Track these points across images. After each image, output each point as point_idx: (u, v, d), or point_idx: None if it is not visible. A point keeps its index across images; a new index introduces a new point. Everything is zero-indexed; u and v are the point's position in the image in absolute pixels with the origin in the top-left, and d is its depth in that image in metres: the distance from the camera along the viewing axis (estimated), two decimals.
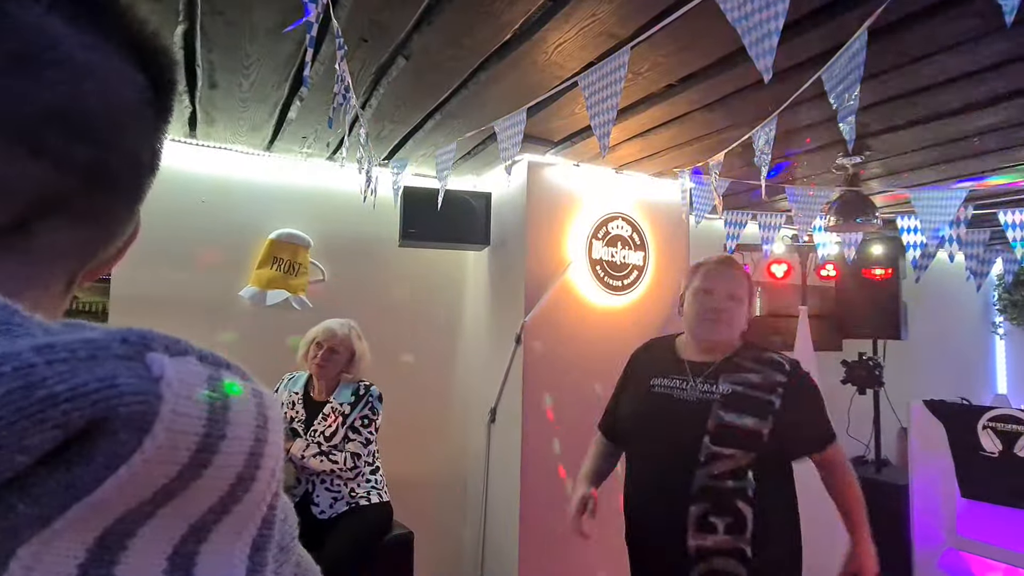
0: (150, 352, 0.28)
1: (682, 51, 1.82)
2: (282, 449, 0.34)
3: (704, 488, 1.56)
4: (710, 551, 1.54)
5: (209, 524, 0.30)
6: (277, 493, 0.34)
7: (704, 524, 1.55)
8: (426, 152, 2.81)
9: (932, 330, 5.10)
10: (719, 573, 1.54)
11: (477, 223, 3.09)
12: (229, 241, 2.98)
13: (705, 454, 1.57)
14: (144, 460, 0.26)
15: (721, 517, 1.55)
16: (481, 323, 3.35)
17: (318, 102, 2.31)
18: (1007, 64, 1.84)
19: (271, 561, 0.34)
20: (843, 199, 2.68)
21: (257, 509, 0.32)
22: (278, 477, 0.34)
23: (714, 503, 1.56)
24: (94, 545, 0.27)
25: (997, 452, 3.50)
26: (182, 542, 0.29)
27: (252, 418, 0.31)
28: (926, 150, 2.64)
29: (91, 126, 0.34)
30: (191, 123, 2.60)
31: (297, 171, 3.11)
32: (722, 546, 1.54)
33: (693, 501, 1.56)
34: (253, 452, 0.31)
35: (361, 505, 2.41)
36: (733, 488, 1.56)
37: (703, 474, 1.57)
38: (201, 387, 0.29)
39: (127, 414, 0.26)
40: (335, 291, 3.16)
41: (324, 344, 2.49)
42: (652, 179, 3.25)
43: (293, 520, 0.38)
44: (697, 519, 1.55)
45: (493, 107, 2.22)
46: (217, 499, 0.30)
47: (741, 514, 1.55)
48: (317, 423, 2.46)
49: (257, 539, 0.33)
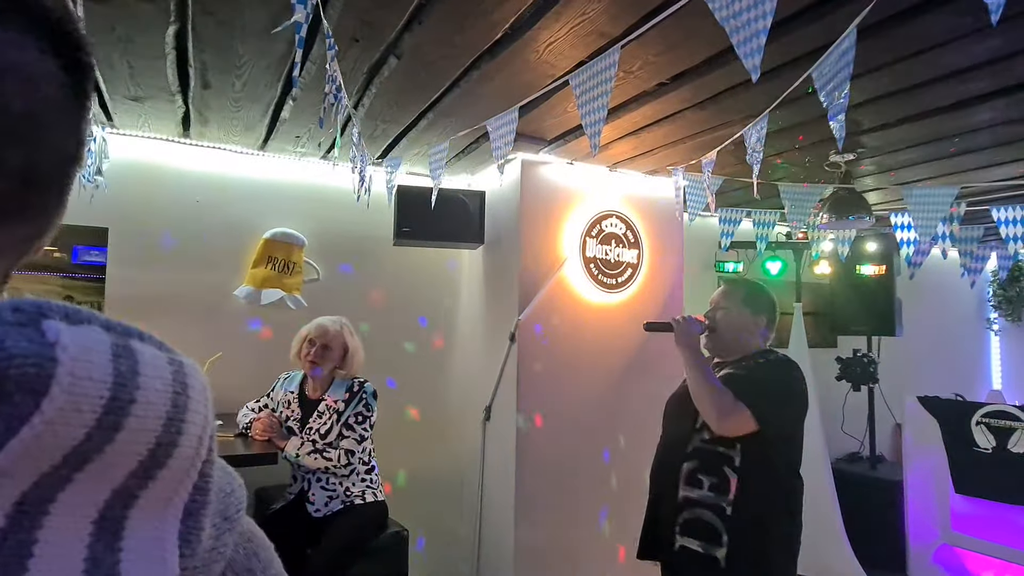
0: (46, 320, 0.28)
1: (672, 50, 1.83)
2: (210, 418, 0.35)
3: (696, 449, 1.87)
4: (695, 502, 1.84)
5: (133, 489, 0.31)
6: (208, 461, 0.35)
7: (693, 479, 1.86)
8: (419, 151, 2.81)
9: (926, 326, 5.12)
10: (699, 520, 1.83)
11: (471, 222, 3.09)
12: (224, 240, 2.98)
13: (700, 422, 1.87)
14: (44, 422, 0.26)
15: (707, 476, 1.83)
16: (476, 321, 3.36)
17: (311, 102, 2.31)
18: (999, 61, 1.85)
19: (208, 527, 0.35)
20: (836, 196, 2.69)
21: (186, 476, 0.33)
22: (207, 445, 0.34)
23: (702, 462, 1.85)
24: (12, 511, 0.27)
25: (991, 448, 3.52)
26: (107, 507, 0.30)
27: (166, 384, 0.32)
28: (918, 147, 2.65)
29: (20, 128, 0.33)
30: (184, 123, 2.60)
31: (291, 170, 3.11)
32: (705, 499, 1.82)
33: (687, 459, 1.88)
34: (172, 418, 0.31)
35: (356, 504, 2.41)
36: (721, 453, 1.83)
37: (697, 438, 1.88)
38: (104, 352, 0.29)
39: (18, 376, 0.26)
40: (330, 290, 3.16)
41: (316, 341, 2.49)
42: (646, 177, 3.25)
43: (241, 494, 0.39)
44: (687, 474, 1.87)
45: (485, 106, 2.23)
46: (137, 464, 0.30)
47: (725, 477, 1.81)
48: (312, 420, 2.46)
49: (189, 505, 0.33)
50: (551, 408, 2.96)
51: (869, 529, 3.97)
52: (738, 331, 2.02)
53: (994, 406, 3.62)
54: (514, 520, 2.84)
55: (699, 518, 1.83)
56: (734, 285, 2.13)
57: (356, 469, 2.43)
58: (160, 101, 2.34)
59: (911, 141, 2.58)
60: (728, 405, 1.80)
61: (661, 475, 1.97)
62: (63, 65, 0.35)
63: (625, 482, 3.06)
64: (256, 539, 0.42)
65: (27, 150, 0.34)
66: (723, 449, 1.83)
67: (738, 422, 1.79)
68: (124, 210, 2.80)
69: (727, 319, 2.03)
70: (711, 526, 1.80)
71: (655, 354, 3.16)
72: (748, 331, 2.02)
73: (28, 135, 0.34)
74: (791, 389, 1.89)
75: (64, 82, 0.36)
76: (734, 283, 2.16)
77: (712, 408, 1.82)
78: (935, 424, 3.78)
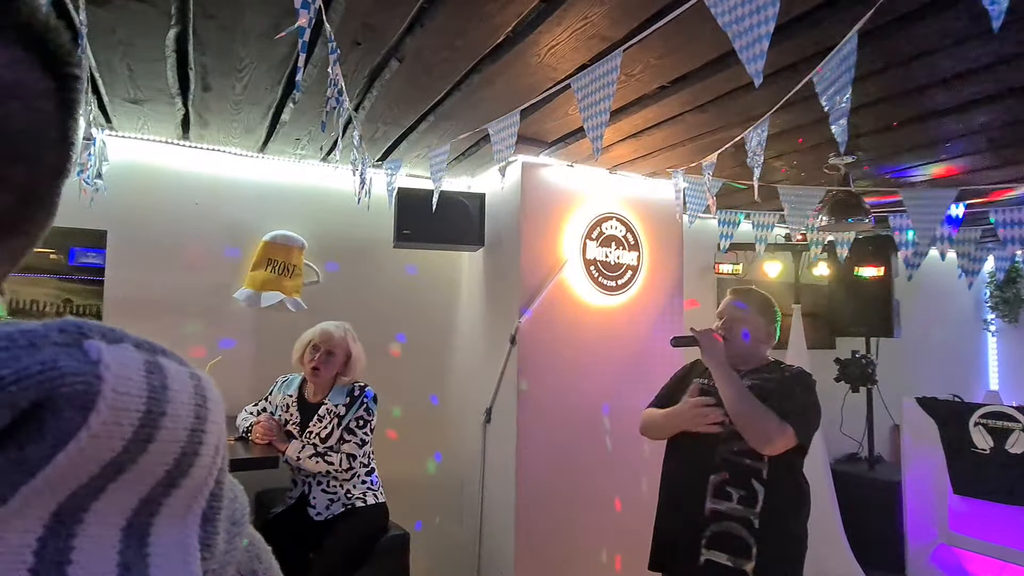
0: (87, 340, 0.30)
1: (674, 53, 1.83)
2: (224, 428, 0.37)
3: (724, 460, 1.86)
4: (723, 515, 1.82)
5: (159, 497, 0.32)
6: (223, 469, 0.37)
7: (721, 491, 1.85)
8: (420, 153, 2.81)
9: (924, 327, 5.13)
10: (728, 534, 1.81)
11: (471, 224, 3.09)
12: (223, 243, 2.97)
13: (727, 433, 1.87)
14: (91, 436, 0.28)
15: (736, 488, 1.83)
16: (476, 324, 3.36)
17: (311, 104, 2.30)
18: (998, 64, 1.86)
19: (223, 532, 0.36)
20: (835, 199, 2.70)
21: (204, 484, 0.35)
22: (222, 454, 0.36)
23: (732, 474, 1.85)
24: (51, 520, 0.29)
25: (989, 449, 3.53)
26: (135, 515, 0.32)
27: (190, 397, 0.33)
28: (915, 150, 2.66)
29: (23, 145, 0.34)
30: (184, 125, 2.59)
31: (291, 172, 3.11)
32: (734, 512, 1.82)
33: (715, 471, 1.87)
34: (194, 429, 0.33)
35: (357, 507, 2.41)
36: (749, 466, 1.83)
37: (724, 449, 1.87)
38: (139, 369, 0.31)
39: (70, 393, 0.28)
40: (330, 293, 3.16)
41: (321, 346, 2.49)
42: (646, 179, 3.26)
43: (244, 500, 0.41)
44: (716, 486, 1.85)
45: (486, 109, 2.23)
46: (164, 473, 0.32)
47: (754, 490, 1.82)
48: (312, 425, 2.45)
49: (207, 511, 0.35)
50: (552, 410, 2.96)
51: (867, 529, 3.98)
52: (756, 342, 2.02)
53: (992, 407, 3.63)
54: (514, 523, 2.84)
55: (728, 532, 1.82)
56: (747, 294, 2.11)
57: (357, 472, 2.42)
58: (160, 103, 2.33)
59: (911, 144, 2.59)
60: (775, 427, 1.80)
61: (683, 487, 1.94)
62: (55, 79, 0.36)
63: (626, 486, 3.06)
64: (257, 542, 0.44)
65: (29, 166, 0.35)
66: (751, 461, 1.84)
67: (785, 442, 1.80)
68: (123, 212, 2.79)
69: (743, 329, 2.03)
70: (741, 539, 1.80)
71: (655, 357, 3.16)
72: (762, 340, 2.03)
73: (30, 152, 0.35)
74: (816, 402, 1.92)
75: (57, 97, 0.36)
76: (746, 292, 2.14)
77: (759, 431, 1.81)
78: (933, 425, 3.79)
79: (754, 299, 2.08)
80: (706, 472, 1.88)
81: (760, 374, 1.97)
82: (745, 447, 1.84)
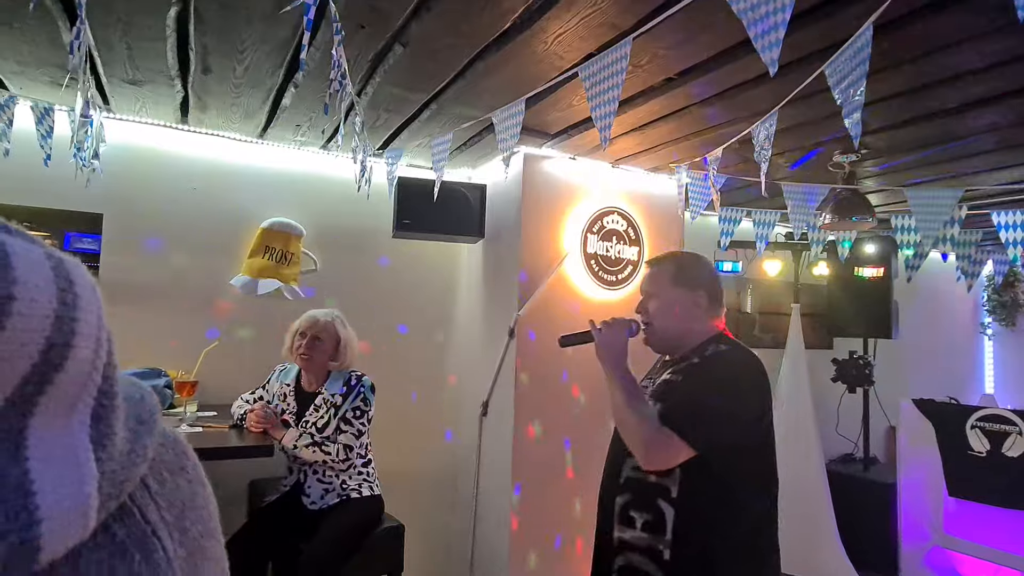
0: None
1: (683, 44, 1.80)
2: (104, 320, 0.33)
3: (628, 480, 1.52)
4: (628, 545, 1.49)
5: (31, 396, 0.29)
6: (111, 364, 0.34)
7: (625, 517, 1.51)
8: (421, 143, 2.78)
9: (922, 330, 5.13)
10: (633, 569, 1.48)
11: (472, 215, 3.07)
12: (220, 229, 2.94)
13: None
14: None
15: (640, 512, 1.48)
16: (474, 316, 3.33)
17: (313, 90, 2.27)
18: (1011, 63, 1.84)
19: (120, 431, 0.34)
20: (839, 197, 2.68)
21: (88, 379, 0.32)
22: (107, 348, 0.33)
23: (635, 496, 1.51)
24: None
25: (985, 452, 3.53)
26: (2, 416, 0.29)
27: (48, 281, 0.30)
28: (924, 148, 2.64)
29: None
30: (183, 108, 2.55)
31: (290, 159, 3.07)
32: (638, 542, 1.48)
33: (620, 492, 1.54)
34: (61, 316, 0.30)
35: (352, 497, 2.39)
36: (655, 484, 1.47)
37: (628, 465, 1.52)
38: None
39: None
40: (328, 281, 3.13)
41: (308, 333, 2.46)
42: (648, 174, 3.23)
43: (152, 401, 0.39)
44: (620, 510, 1.52)
45: (490, 97, 2.20)
46: (30, 368, 0.29)
47: (660, 513, 1.45)
48: (309, 414, 2.43)
49: (97, 409, 0.32)
50: (550, 404, 2.94)
51: (861, 530, 3.98)
52: (679, 320, 1.62)
53: (989, 410, 3.63)
54: (509, 517, 2.83)
55: (632, 565, 1.48)
56: (658, 264, 1.73)
57: (353, 463, 2.40)
58: (159, 85, 2.29)
59: (917, 142, 2.57)
60: (651, 434, 1.43)
61: (599, 510, 1.62)
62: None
63: None
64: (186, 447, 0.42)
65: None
66: (657, 478, 1.47)
67: (667, 453, 1.42)
68: (119, 196, 2.76)
69: (660, 308, 1.65)
70: (643, 573, 1.46)
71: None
72: (691, 316, 1.62)
73: None
74: (736, 391, 1.50)
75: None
76: (659, 260, 1.75)
77: (637, 441, 1.46)
78: (930, 427, 3.79)
79: (667, 267, 1.68)
80: (613, 493, 1.54)
81: (682, 364, 1.58)
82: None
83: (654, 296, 1.66)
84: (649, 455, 1.44)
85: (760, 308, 4.52)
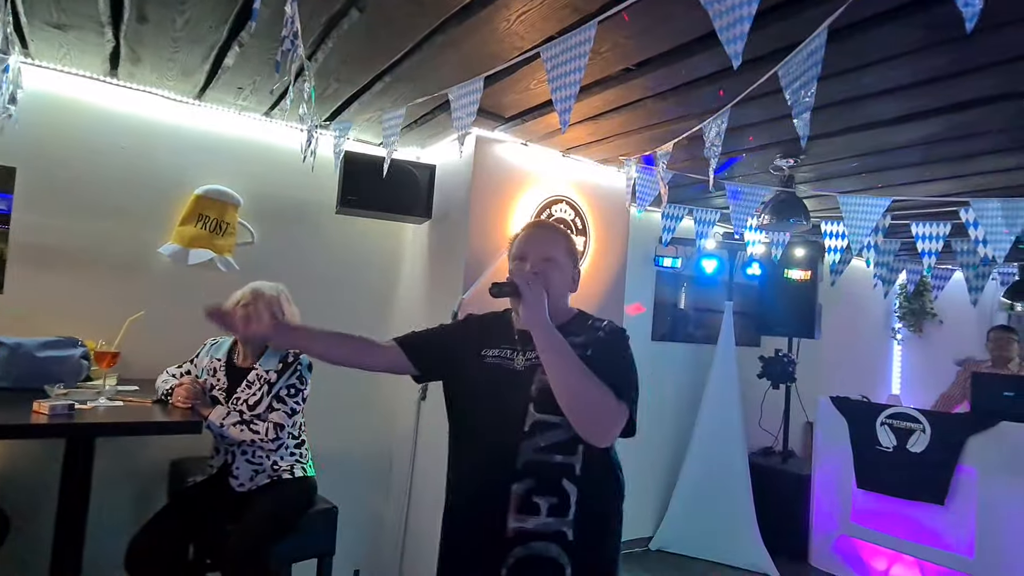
0: None
1: (644, 33, 1.82)
2: None
3: (529, 463, 1.39)
4: (531, 534, 1.38)
5: None
6: None
7: (527, 505, 1.38)
8: (371, 117, 2.70)
9: (841, 331, 5.44)
10: (538, 559, 1.39)
11: (419, 195, 3.01)
12: (150, 192, 2.76)
13: (530, 423, 1.40)
14: None
15: (545, 497, 1.39)
16: (417, 298, 3.28)
17: (259, 50, 2.16)
18: (939, 80, 1.95)
19: None
20: (778, 199, 2.79)
21: None
22: None
23: (539, 480, 1.39)
24: None
25: (892, 447, 3.79)
26: None
27: None
28: (856, 158, 2.78)
29: None
30: (113, 60, 2.38)
31: (230, 124, 2.92)
32: (543, 529, 1.38)
33: (517, 479, 1.39)
34: None
35: (283, 478, 2.30)
36: (560, 464, 1.40)
37: (529, 447, 1.40)
38: None
39: None
40: (265, 255, 3.00)
41: (251, 306, 2.35)
42: (598, 165, 3.26)
43: None
44: (519, 499, 1.39)
45: (447, 73, 2.15)
46: None
47: (565, 494, 1.39)
48: (240, 391, 2.32)
49: None
50: None
51: (777, 520, 4.20)
52: (564, 290, 1.55)
53: (898, 408, 3.89)
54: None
55: (536, 554, 1.39)
56: (553, 230, 1.63)
57: (285, 443, 2.31)
58: (87, 32, 2.12)
59: (851, 151, 2.70)
60: (614, 409, 1.33)
61: (481, 502, 1.44)
62: None
63: None
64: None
65: None
66: (562, 458, 1.39)
67: (619, 428, 1.35)
68: (37, 150, 2.54)
69: (561, 276, 1.53)
70: (552, 562, 1.39)
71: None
72: (570, 288, 1.57)
73: None
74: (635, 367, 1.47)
75: None
76: (552, 228, 1.66)
77: (600, 413, 1.33)
78: (844, 423, 4.03)
79: (561, 236, 1.60)
80: (506, 481, 1.40)
81: (570, 335, 1.42)
82: (556, 439, 1.40)
83: (553, 262, 1.51)
84: (611, 430, 1.34)
85: (695, 305, 4.66)
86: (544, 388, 1.39)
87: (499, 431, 1.43)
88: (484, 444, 1.47)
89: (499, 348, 1.53)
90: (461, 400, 1.57)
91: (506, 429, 1.42)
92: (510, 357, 1.50)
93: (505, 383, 1.46)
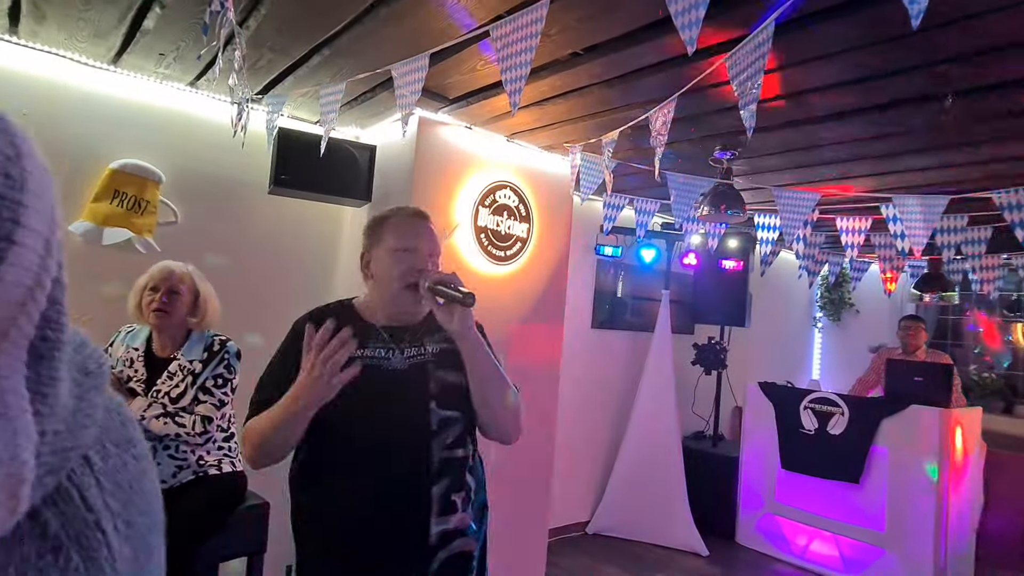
0: None
1: (594, 18, 1.79)
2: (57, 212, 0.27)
3: (443, 463, 1.34)
4: (452, 534, 1.34)
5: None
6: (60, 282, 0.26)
7: (446, 505, 1.34)
8: (307, 92, 2.56)
9: (768, 320, 5.68)
10: (458, 556, 1.36)
11: (359, 177, 2.89)
12: (56, 165, 2.50)
13: (436, 422, 1.35)
14: None
15: (458, 493, 1.36)
16: (356, 283, 3.16)
17: (182, 14, 1.99)
18: (870, 80, 2.02)
19: (65, 376, 0.24)
20: (717, 191, 2.85)
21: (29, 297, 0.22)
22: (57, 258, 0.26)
23: (452, 479, 1.35)
24: None
25: (814, 430, 3.99)
26: None
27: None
28: (788, 153, 2.87)
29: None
30: (12, 16, 2.14)
31: (151, 93, 2.70)
32: (460, 525, 1.36)
33: (434, 481, 1.33)
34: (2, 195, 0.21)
35: (210, 474, 2.17)
36: (463, 458, 1.39)
37: (438, 445, 1.34)
38: None
39: None
40: (190, 236, 2.81)
41: (161, 286, 2.18)
42: (542, 152, 3.24)
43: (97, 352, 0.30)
44: (440, 500, 1.33)
45: (390, 49, 2.06)
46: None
47: (468, 487, 1.40)
48: (161, 383, 2.16)
49: (38, 344, 0.23)
50: None
51: (708, 500, 4.36)
52: None
53: (819, 393, 4.10)
54: None
55: (456, 552, 1.35)
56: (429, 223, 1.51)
57: (213, 437, 2.18)
58: None
59: (783, 146, 2.78)
60: (521, 405, 1.43)
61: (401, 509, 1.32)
62: None
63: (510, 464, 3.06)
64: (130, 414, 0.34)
65: None
66: (462, 451, 1.39)
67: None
68: None
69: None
70: (468, 555, 1.38)
71: (539, 331, 3.18)
72: None
73: None
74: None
75: None
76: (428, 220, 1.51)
77: (517, 414, 1.43)
78: (770, 407, 4.22)
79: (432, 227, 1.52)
80: (428, 484, 1.32)
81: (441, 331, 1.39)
82: (457, 433, 1.37)
83: (438, 258, 1.47)
84: (521, 428, 1.45)
85: (633, 293, 4.74)
86: (447, 385, 1.39)
87: (404, 434, 1.34)
88: (387, 453, 1.32)
89: (365, 349, 1.38)
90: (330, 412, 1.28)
91: (413, 431, 1.34)
92: (385, 356, 1.39)
93: (388, 384, 1.36)
